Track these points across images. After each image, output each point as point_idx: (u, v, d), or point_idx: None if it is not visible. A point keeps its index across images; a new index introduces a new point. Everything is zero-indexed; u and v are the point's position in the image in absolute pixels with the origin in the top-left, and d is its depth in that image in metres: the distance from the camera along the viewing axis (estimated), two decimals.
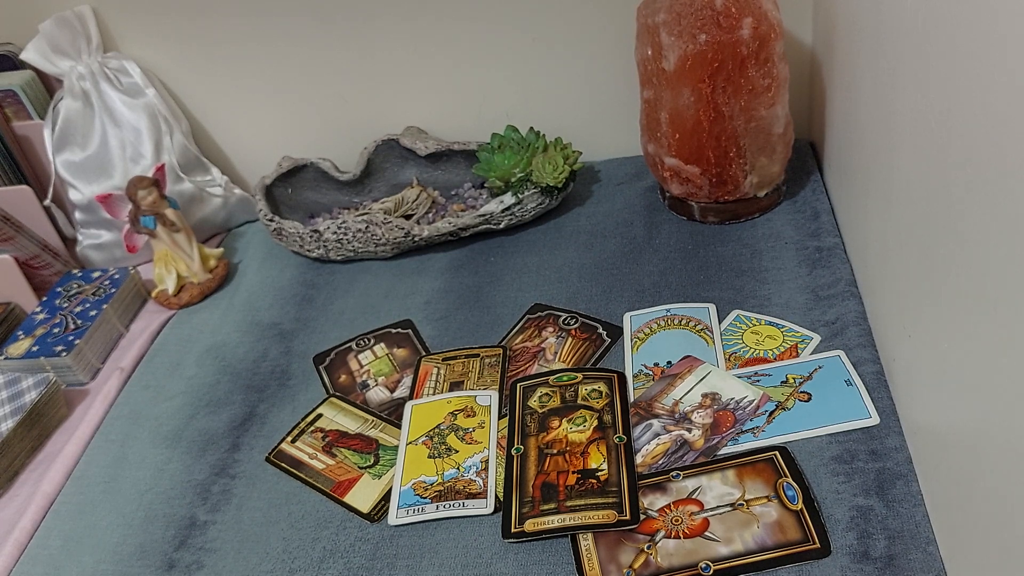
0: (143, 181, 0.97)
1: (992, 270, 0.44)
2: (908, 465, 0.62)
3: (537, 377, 0.77)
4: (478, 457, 0.71)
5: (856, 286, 0.79)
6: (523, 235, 0.99)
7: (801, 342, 0.75)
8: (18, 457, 0.83)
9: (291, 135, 1.13)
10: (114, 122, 1.05)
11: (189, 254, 1.01)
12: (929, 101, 0.53)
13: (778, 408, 0.69)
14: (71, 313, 0.96)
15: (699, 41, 0.80)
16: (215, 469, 0.77)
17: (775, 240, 0.88)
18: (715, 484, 0.64)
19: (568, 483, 0.66)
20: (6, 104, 1.07)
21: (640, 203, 1.00)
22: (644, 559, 0.60)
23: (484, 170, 1.00)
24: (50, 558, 0.73)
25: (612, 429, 0.70)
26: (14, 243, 1.00)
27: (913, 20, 0.55)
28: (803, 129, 1.04)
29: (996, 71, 0.41)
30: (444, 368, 0.82)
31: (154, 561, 0.70)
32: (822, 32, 0.92)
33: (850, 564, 0.57)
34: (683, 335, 0.78)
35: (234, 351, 0.92)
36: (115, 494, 0.77)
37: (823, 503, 0.61)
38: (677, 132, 0.86)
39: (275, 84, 1.09)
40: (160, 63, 1.08)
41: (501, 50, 1.04)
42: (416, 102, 1.09)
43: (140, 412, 0.86)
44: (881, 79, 0.66)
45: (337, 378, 0.85)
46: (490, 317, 0.87)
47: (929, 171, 0.54)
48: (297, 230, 0.99)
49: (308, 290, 0.99)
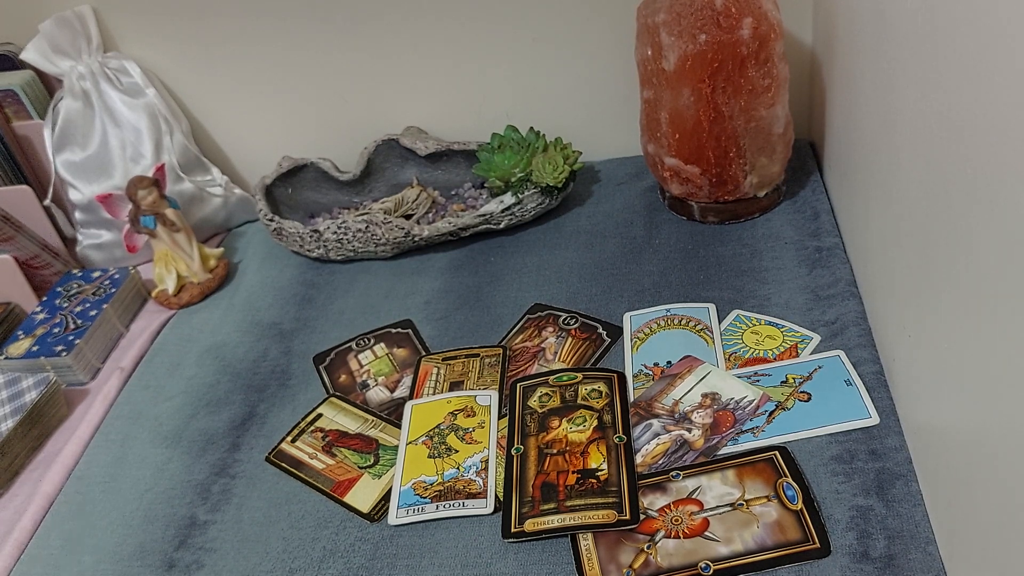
0: (143, 181, 0.97)
1: (992, 270, 0.44)
2: (908, 465, 0.62)
3: (537, 377, 0.77)
4: (478, 457, 0.71)
5: (856, 286, 0.79)
6: (523, 235, 0.99)
7: (801, 342, 0.75)
8: (18, 457, 0.83)
9: (291, 135, 1.13)
10: (114, 122, 1.04)
11: (189, 254, 1.01)
12: (929, 101, 0.53)
13: (778, 408, 0.69)
14: (71, 313, 0.96)
15: (699, 41, 0.80)
16: (215, 469, 0.77)
17: (775, 240, 0.88)
18: (715, 484, 0.64)
19: (568, 483, 0.66)
20: (6, 104, 1.07)
21: (640, 203, 1.00)
22: (644, 559, 0.60)
23: (484, 170, 1.00)
24: (50, 558, 0.73)
25: (612, 429, 0.70)
26: (14, 243, 1.00)
27: (913, 20, 0.55)
28: (803, 129, 1.04)
29: (996, 71, 0.41)
30: (444, 368, 0.82)
31: (154, 561, 0.70)
32: (822, 32, 0.92)
33: (850, 564, 0.57)
34: (683, 335, 0.78)
35: (234, 351, 0.92)
36: (115, 494, 0.77)
37: (823, 503, 0.61)
38: (677, 132, 0.86)
39: (275, 84, 1.09)
40: (160, 63, 1.08)
41: (501, 50, 1.04)
42: (416, 102, 1.09)
43: (140, 412, 0.86)
44: (881, 79, 0.66)
45: (337, 378, 0.85)
46: (490, 317, 0.87)
47: (929, 171, 0.54)
48: (297, 230, 0.99)
49: (308, 290, 0.99)
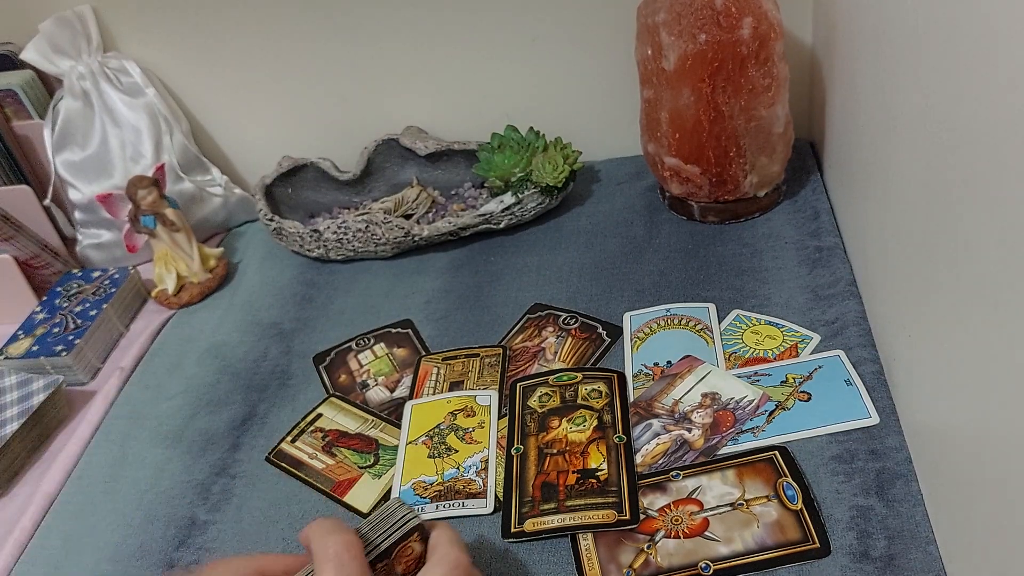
0: (143, 181, 0.97)
1: (992, 270, 0.44)
2: (908, 465, 0.62)
3: (537, 377, 0.77)
4: (478, 457, 0.71)
5: (856, 286, 0.79)
6: (523, 235, 0.99)
7: (801, 342, 0.75)
8: (19, 457, 0.83)
9: (291, 135, 1.13)
10: (114, 122, 1.04)
11: (189, 254, 1.01)
12: (929, 101, 0.53)
13: (778, 408, 0.69)
14: (71, 313, 0.96)
15: (699, 41, 0.80)
16: (215, 469, 0.77)
17: (775, 240, 0.88)
18: (715, 484, 0.64)
19: (568, 483, 0.66)
20: (6, 104, 1.07)
21: (640, 203, 1.00)
22: (644, 559, 0.60)
23: (484, 170, 1.00)
24: (50, 558, 0.73)
25: (612, 429, 0.70)
26: (14, 243, 1.00)
27: (914, 20, 0.55)
28: (803, 129, 1.04)
29: (997, 71, 0.41)
30: (444, 368, 0.82)
31: (154, 561, 0.70)
32: (822, 32, 0.92)
33: (850, 564, 0.57)
34: (683, 335, 0.78)
35: (234, 351, 0.92)
36: (115, 494, 0.77)
37: (823, 503, 0.61)
38: (677, 132, 0.86)
39: (275, 84, 1.09)
40: (160, 63, 1.08)
41: (501, 50, 1.04)
42: (416, 102, 1.09)
43: (140, 412, 0.86)
44: (881, 79, 0.66)
45: (337, 378, 0.85)
46: (490, 317, 0.87)
47: (929, 171, 0.54)
48: (297, 230, 0.99)
49: (308, 290, 0.99)
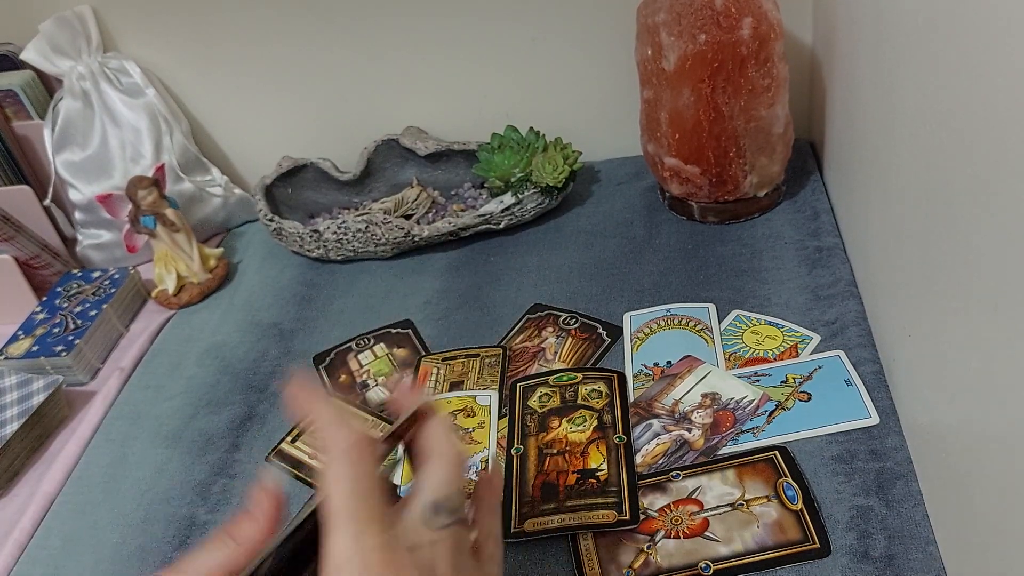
0: (143, 181, 0.97)
1: (992, 270, 0.44)
2: (908, 465, 0.62)
3: (537, 377, 0.77)
4: (478, 457, 0.71)
5: (856, 286, 0.79)
6: (523, 235, 0.99)
7: (801, 342, 0.75)
8: (19, 457, 0.83)
9: (291, 135, 1.13)
10: (114, 122, 1.04)
11: (189, 254, 1.01)
12: (929, 101, 0.53)
13: (778, 408, 0.69)
14: (71, 313, 0.96)
15: (699, 41, 0.80)
16: (215, 469, 0.77)
17: (775, 240, 0.88)
18: (715, 484, 0.64)
19: (568, 483, 0.66)
20: (6, 104, 1.07)
21: (640, 203, 1.00)
22: (644, 559, 0.60)
23: (484, 170, 1.00)
24: (50, 558, 0.73)
25: (612, 429, 0.70)
26: (14, 243, 1.00)
27: (914, 20, 0.55)
28: (803, 129, 1.04)
29: (997, 71, 0.41)
30: (444, 368, 0.82)
31: (154, 561, 0.70)
32: (822, 32, 0.92)
33: (850, 564, 0.57)
34: (683, 335, 0.78)
35: (234, 351, 0.92)
36: (115, 494, 0.77)
37: (823, 503, 0.61)
38: (677, 132, 0.86)
39: (275, 84, 1.09)
40: (160, 63, 1.08)
41: (501, 50, 1.04)
42: (416, 102, 1.09)
43: (140, 412, 0.86)
44: (881, 79, 0.66)
45: (337, 378, 0.85)
46: (490, 317, 0.87)
47: (929, 171, 0.54)
48: (297, 230, 0.99)
49: (308, 290, 0.99)
